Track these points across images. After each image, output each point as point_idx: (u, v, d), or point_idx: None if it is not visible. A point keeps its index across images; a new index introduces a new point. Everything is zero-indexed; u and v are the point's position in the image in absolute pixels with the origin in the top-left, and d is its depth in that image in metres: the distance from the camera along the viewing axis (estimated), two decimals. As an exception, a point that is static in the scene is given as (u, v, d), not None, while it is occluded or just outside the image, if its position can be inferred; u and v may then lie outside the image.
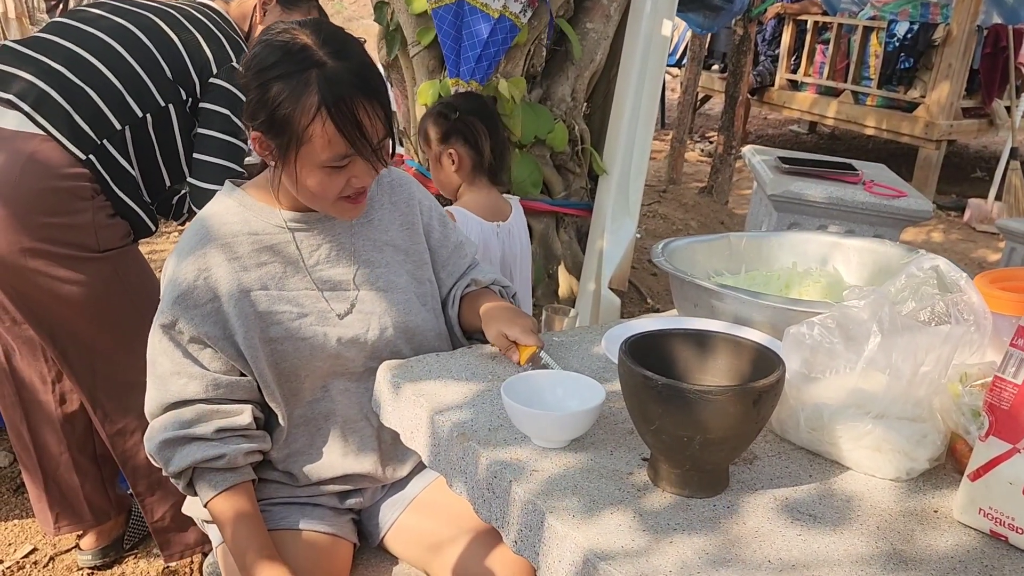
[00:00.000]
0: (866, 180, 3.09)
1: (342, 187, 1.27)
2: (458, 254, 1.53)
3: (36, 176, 1.63)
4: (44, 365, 1.91)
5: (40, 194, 1.63)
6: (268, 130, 1.24)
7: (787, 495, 1.05)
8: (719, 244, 1.72)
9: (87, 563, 2.11)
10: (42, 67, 1.69)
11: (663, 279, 4.07)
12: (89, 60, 1.71)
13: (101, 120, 1.69)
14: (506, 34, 2.45)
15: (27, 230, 1.63)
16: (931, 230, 5.97)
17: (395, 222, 1.45)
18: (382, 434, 1.42)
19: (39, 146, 1.64)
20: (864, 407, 1.09)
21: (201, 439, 1.30)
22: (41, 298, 1.69)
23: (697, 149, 8.12)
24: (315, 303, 1.35)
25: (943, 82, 6.35)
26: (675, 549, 0.93)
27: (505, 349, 1.36)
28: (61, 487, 2.02)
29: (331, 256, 1.37)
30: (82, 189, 1.67)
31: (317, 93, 1.19)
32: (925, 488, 1.08)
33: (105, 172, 1.70)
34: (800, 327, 1.16)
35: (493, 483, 1.09)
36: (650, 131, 2.94)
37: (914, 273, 1.23)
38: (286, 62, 1.20)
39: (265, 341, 1.32)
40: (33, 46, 1.74)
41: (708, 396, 0.95)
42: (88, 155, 1.67)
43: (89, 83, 1.69)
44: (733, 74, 5.84)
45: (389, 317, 1.39)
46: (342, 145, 1.22)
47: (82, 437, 2.01)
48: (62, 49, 1.72)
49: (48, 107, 1.66)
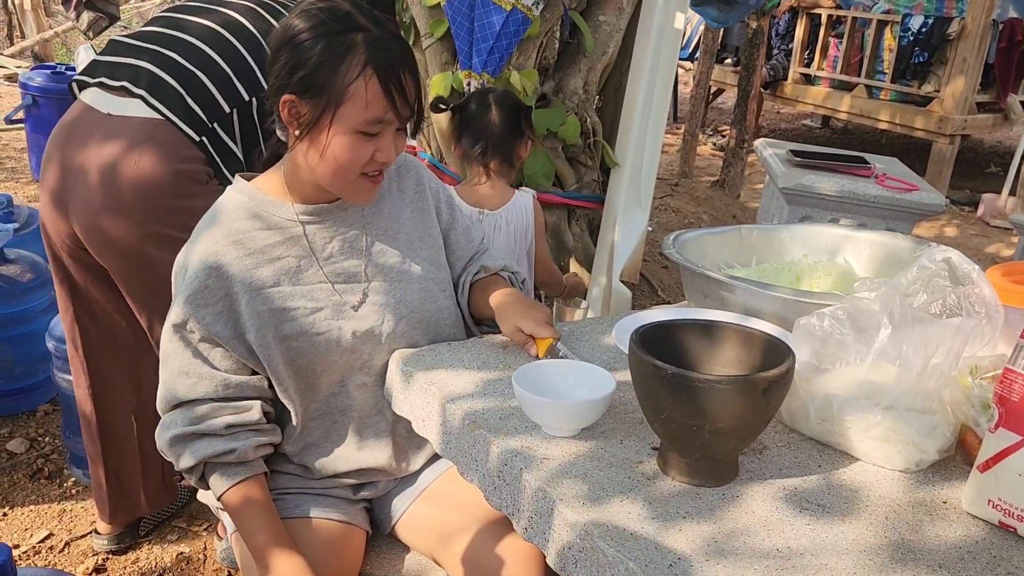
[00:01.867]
0: (878, 174, 3.08)
1: (368, 160, 1.26)
2: (466, 237, 1.53)
3: (157, 159, 1.66)
4: (123, 353, 1.95)
5: (163, 177, 1.66)
6: (305, 90, 1.22)
7: (796, 485, 1.05)
8: (730, 236, 1.72)
9: (103, 548, 2.14)
10: (154, 55, 1.74)
11: (674, 272, 4.07)
12: (199, 46, 1.76)
13: (212, 103, 1.73)
14: (518, 26, 2.45)
15: (152, 213, 1.66)
16: (944, 225, 5.94)
17: (406, 208, 1.44)
18: (397, 428, 1.43)
19: (156, 129, 1.68)
20: (874, 398, 1.10)
21: (211, 435, 1.31)
22: (155, 281, 1.70)
23: (709, 143, 8.10)
24: (329, 296, 1.35)
25: (958, 76, 6.31)
26: (684, 537, 0.94)
27: (522, 343, 1.37)
28: (121, 477, 2.05)
29: (344, 248, 1.37)
30: (198, 172, 1.70)
31: (365, 52, 1.20)
32: (934, 479, 1.09)
33: (217, 155, 1.73)
34: (810, 318, 1.16)
35: (504, 471, 1.10)
36: (662, 124, 2.94)
37: (926, 265, 1.23)
38: (330, 23, 1.21)
39: (279, 339, 1.32)
40: (143, 38, 1.80)
41: (717, 386, 0.96)
42: (201, 137, 1.71)
43: (200, 68, 1.73)
44: (746, 68, 5.81)
45: (405, 307, 1.39)
46: (381, 107, 1.22)
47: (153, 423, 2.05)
48: (172, 38, 1.77)
49: (163, 91, 1.69)
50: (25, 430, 2.59)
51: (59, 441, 2.55)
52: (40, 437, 2.58)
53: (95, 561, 2.13)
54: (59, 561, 2.13)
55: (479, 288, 1.50)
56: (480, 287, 1.50)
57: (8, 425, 2.61)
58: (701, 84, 6.30)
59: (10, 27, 9.11)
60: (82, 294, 1.87)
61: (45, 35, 7.91)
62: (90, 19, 6.16)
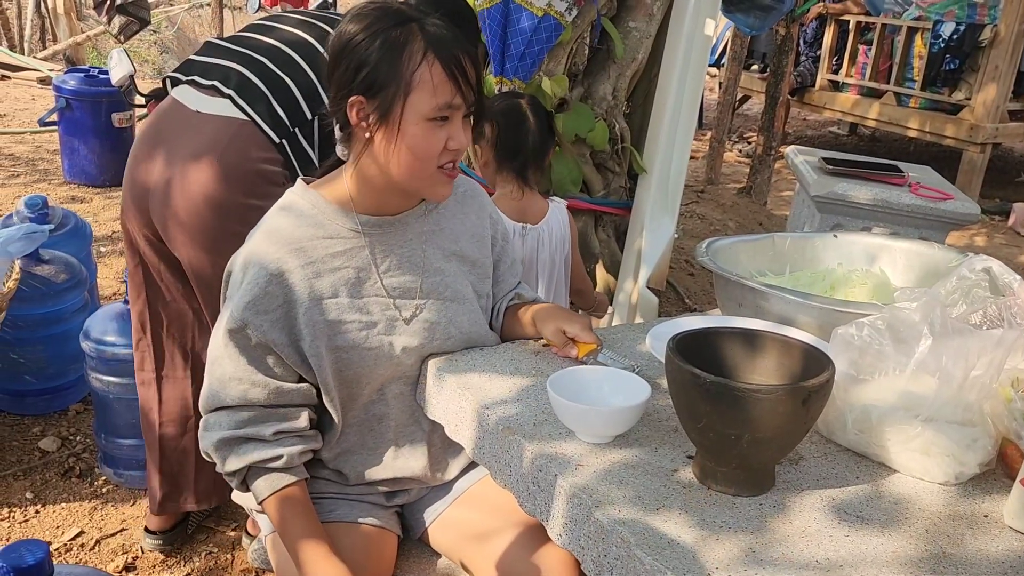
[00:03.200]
0: (912, 182, 3.05)
1: (441, 147, 1.25)
2: (512, 272, 1.55)
3: (238, 157, 1.70)
4: (188, 342, 1.98)
5: (243, 176, 1.70)
6: (370, 88, 1.23)
7: (834, 496, 1.05)
8: (763, 244, 1.71)
9: (154, 546, 2.15)
10: (245, 58, 1.79)
11: (701, 279, 4.05)
12: (287, 52, 1.80)
13: (296, 108, 1.76)
14: (550, 32, 2.46)
15: (230, 211, 1.69)
16: (975, 234, 5.87)
17: (465, 233, 1.45)
18: (432, 438, 1.43)
19: (240, 129, 1.71)
20: (913, 410, 1.09)
21: (258, 439, 1.31)
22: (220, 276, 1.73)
23: (736, 149, 8.06)
24: (384, 310, 1.35)
25: (989, 84, 6.23)
26: (721, 546, 0.93)
27: (562, 345, 1.37)
28: (174, 468, 2.07)
29: (401, 263, 1.37)
30: (275, 175, 1.73)
31: (423, 39, 1.21)
32: (975, 492, 1.07)
33: (295, 159, 1.77)
34: (848, 328, 1.15)
35: (538, 476, 1.10)
36: (691, 131, 2.93)
37: (965, 275, 1.22)
38: (384, 20, 1.23)
39: (331, 349, 1.32)
40: (237, 41, 1.86)
41: (757, 394, 0.96)
42: (282, 140, 1.74)
43: (287, 73, 1.77)
44: (774, 74, 5.78)
45: (454, 328, 1.40)
46: (448, 90, 1.22)
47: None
48: (263, 44, 1.82)
49: (249, 92, 1.74)
50: (57, 429, 2.63)
51: (90, 440, 2.58)
52: (72, 436, 2.61)
53: (125, 559, 2.15)
54: (90, 559, 2.15)
55: (512, 311, 1.52)
56: (512, 310, 1.52)
57: (40, 424, 2.64)
58: (728, 91, 6.27)
59: (43, 31, 9.27)
60: (155, 280, 1.92)
61: (77, 39, 8.03)
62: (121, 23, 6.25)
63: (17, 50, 8.87)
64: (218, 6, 9.54)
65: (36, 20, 9.23)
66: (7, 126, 5.88)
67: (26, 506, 2.30)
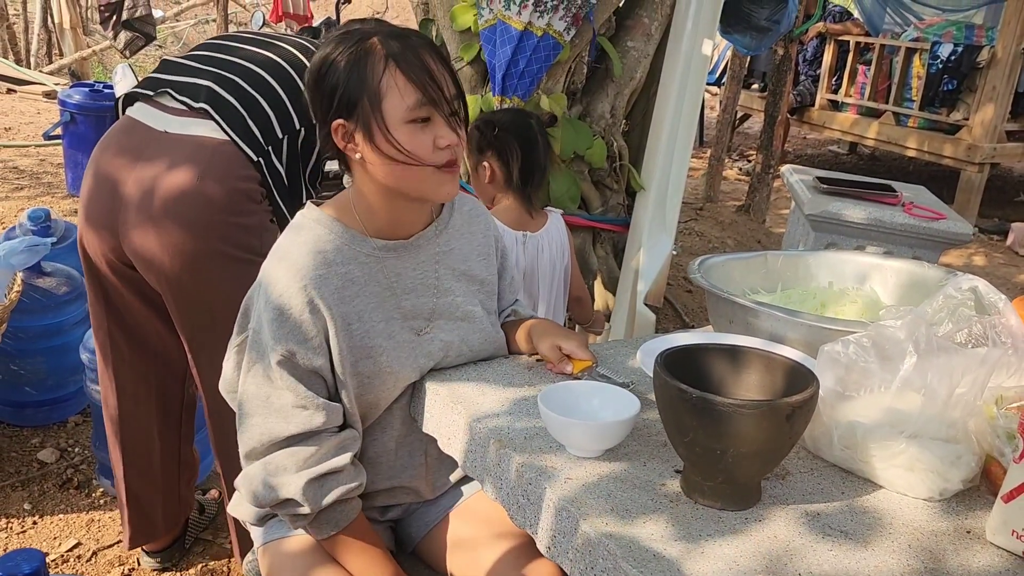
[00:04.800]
0: (905, 202, 3.08)
1: (431, 148, 1.26)
2: (511, 288, 1.57)
3: (219, 176, 1.69)
4: (153, 373, 1.96)
5: (221, 194, 1.69)
6: (347, 108, 1.25)
7: (819, 511, 1.06)
8: (756, 262, 1.73)
9: (154, 565, 2.16)
10: (216, 76, 1.79)
11: (698, 296, 4.07)
12: (259, 72, 1.81)
13: (269, 127, 1.77)
14: (549, 52, 2.49)
15: (209, 230, 1.69)
16: (973, 254, 5.89)
17: (473, 252, 1.47)
18: (429, 449, 1.44)
19: (217, 149, 1.71)
20: (898, 426, 1.10)
21: (340, 471, 1.30)
22: (205, 299, 1.73)
23: (735, 167, 8.10)
24: (402, 334, 1.36)
25: (987, 104, 6.28)
26: (706, 560, 0.95)
27: (557, 361, 1.39)
28: (142, 502, 2.06)
29: (416, 285, 1.38)
30: (254, 192, 1.74)
31: (382, 48, 1.24)
32: (958, 509, 1.09)
33: (270, 177, 1.78)
34: (835, 345, 1.17)
35: (528, 489, 1.11)
36: (688, 149, 2.96)
37: (951, 294, 1.24)
38: (347, 42, 1.25)
39: (354, 375, 1.33)
40: (200, 60, 1.84)
41: (741, 410, 0.97)
42: (259, 158, 1.75)
43: (260, 92, 1.78)
44: (773, 93, 5.82)
45: (466, 346, 1.42)
46: (413, 90, 1.24)
47: (173, 439, 2.07)
48: (230, 62, 1.83)
49: (226, 112, 1.74)
50: (56, 440, 2.64)
51: (88, 452, 2.59)
52: (70, 447, 2.63)
53: (121, 571, 2.16)
54: (86, 570, 2.16)
55: (508, 327, 1.54)
56: (509, 326, 1.54)
57: (39, 435, 2.66)
58: (728, 109, 6.32)
59: (49, 45, 9.34)
60: (117, 309, 1.89)
61: (83, 53, 8.10)
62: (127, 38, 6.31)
63: (24, 64, 8.94)
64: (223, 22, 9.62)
65: (43, 35, 9.30)
66: (12, 139, 5.93)
67: (24, 517, 2.31)
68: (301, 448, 1.29)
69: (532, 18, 2.44)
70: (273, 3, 7.87)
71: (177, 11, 12.41)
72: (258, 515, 1.43)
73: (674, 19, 2.86)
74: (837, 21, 7.87)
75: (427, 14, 2.99)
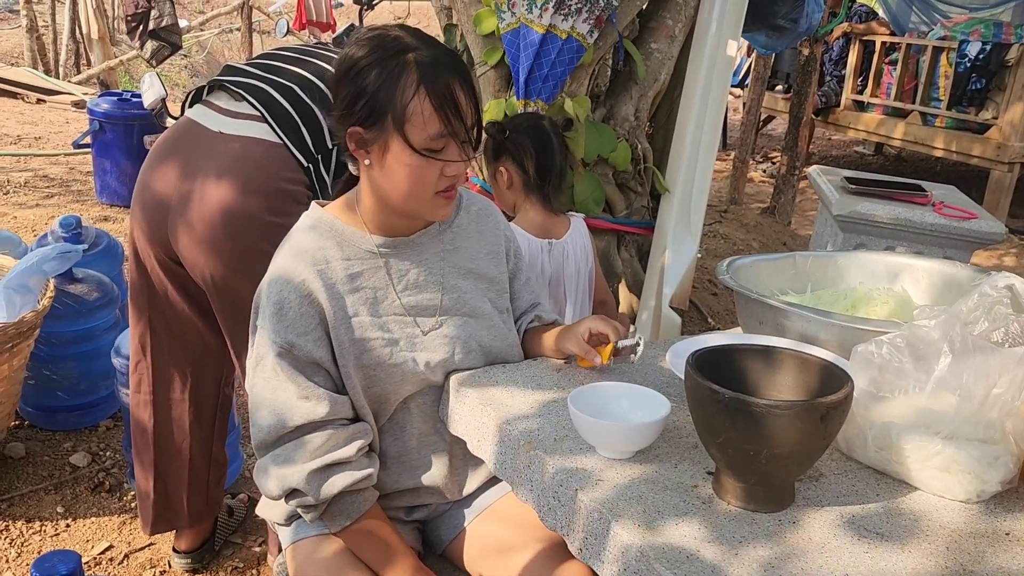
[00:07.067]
0: (935, 201, 3.04)
1: (437, 177, 1.28)
2: (527, 289, 1.57)
3: (266, 175, 1.73)
4: (190, 365, 2.00)
5: (270, 193, 1.73)
6: (366, 119, 1.26)
7: (854, 512, 1.05)
8: (784, 263, 1.72)
9: (185, 566, 2.18)
10: (275, 83, 1.84)
11: (724, 298, 4.04)
12: (314, 81, 1.86)
13: (321, 136, 1.81)
14: (573, 54, 2.49)
15: (259, 229, 1.72)
16: (1003, 254, 5.81)
17: (481, 251, 1.48)
18: (454, 448, 1.45)
19: (269, 150, 1.75)
20: (933, 427, 1.09)
21: (348, 462, 1.32)
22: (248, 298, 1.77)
23: (759, 169, 8.04)
24: (403, 328, 1.38)
25: (1017, 103, 6.18)
26: (740, 561, 0.94)
27: (584, 353, 1.40)
28: (168, 488, 2.09)
29: (419, 281, 1.40)
30: (300, 194, 1.77)
31: (416, 72, 1.24)
32: (996, 510, 1.07)
33: (316, 184, 1.81)
34: (868, 345, 1.16)
35: (559, 491, 1.11)
36: (713, 151, 2.95)
37: (987, 292, 1.22)
38: (381, 50, 1.26)
39: (358, 367, 1.35)
40: (262, 67, 1.90)
41: (775, 411, 0.96)
42: (308, 164, 1.78)
43: (314, 101, 1.82)
44: (798, 94, 5.78)
45: (475, 342, 1.42)
46: (437, 122, 1.24)
47: (206, 437, 2.10)
48: (293, 72, 1.88)
49: (280, 116, 1.78)
50: (87, 444, 2.67)
51: (120, 455, 2.62)
52: (101, 451, 2.66)
53: (153, 573, 2.18)
54: (119, 573, 2.18)
55: (531, 333, 1.54)
56: (532, 331, 1.54)
57: (71, 439, 2.69)
58: (752, 111, 6.28)
59: (77, 55, 9.48)
60: (160, 301, 1.93)
61: (111, 63, 8.21)
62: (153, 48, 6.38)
63: (53, 74, 9.08)
64: (247, 31, 9.72)
65: (71, 45, 9.44)
66: (42, 148, 6.02)
67: (57, 520, 2.34)
68: (308, 438, 1.31)
69: (555, 20, 2.44)
70: (296, 11, 7.95)
71: (202, 20, 12.54)
72: (285, 515, 1.44)
73: (698, 21, 2.85)
74: (862, 21, 7.80)
75: (450, 19, 3.01)
